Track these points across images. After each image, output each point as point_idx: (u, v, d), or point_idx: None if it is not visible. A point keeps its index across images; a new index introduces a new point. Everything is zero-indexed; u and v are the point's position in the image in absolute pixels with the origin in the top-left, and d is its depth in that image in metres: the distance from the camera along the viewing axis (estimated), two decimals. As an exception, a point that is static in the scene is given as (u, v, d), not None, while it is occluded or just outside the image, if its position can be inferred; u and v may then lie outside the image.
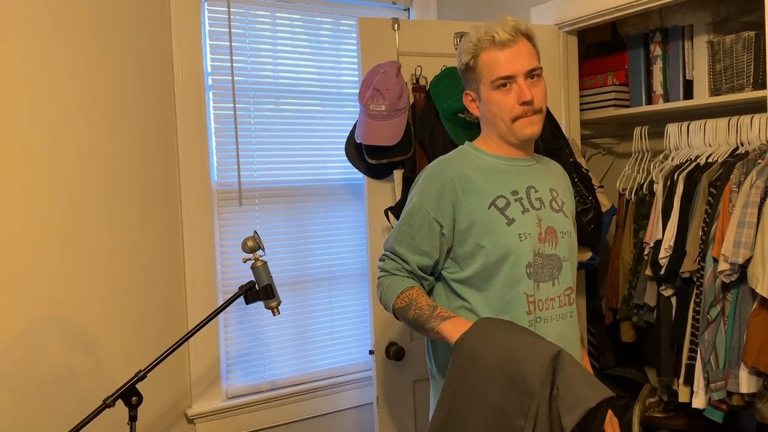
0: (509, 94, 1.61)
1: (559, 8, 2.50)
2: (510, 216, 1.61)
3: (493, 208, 1.61)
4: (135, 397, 1.67)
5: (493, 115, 1.65)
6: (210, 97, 2.28)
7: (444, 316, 1.55)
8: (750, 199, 2.00)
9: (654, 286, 2.35)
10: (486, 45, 1.61)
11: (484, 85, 1.63)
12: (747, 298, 2.03)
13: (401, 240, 1.65)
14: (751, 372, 2.01)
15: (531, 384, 1.37)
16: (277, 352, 2.43)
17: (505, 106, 1.61)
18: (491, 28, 1.61)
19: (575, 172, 2.25)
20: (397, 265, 1.65)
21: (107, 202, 2.08)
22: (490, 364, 1.43)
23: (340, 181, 2.53)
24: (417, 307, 1.58)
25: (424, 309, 1.57)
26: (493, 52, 1.61)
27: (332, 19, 2.54)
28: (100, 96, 2.07)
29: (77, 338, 2.05)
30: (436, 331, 1.55)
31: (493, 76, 1.60)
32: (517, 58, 1.60)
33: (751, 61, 2.23)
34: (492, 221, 1.60)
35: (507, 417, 1.38)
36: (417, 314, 1.57)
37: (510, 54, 1.60)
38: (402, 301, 1.60)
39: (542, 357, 1.39)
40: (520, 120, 1.62)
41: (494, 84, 1.61)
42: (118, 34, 2.10)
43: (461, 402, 1.44)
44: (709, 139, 2.33)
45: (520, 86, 1.60)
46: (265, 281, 1.84)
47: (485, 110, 1.67)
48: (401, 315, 1.62)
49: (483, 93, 1.65)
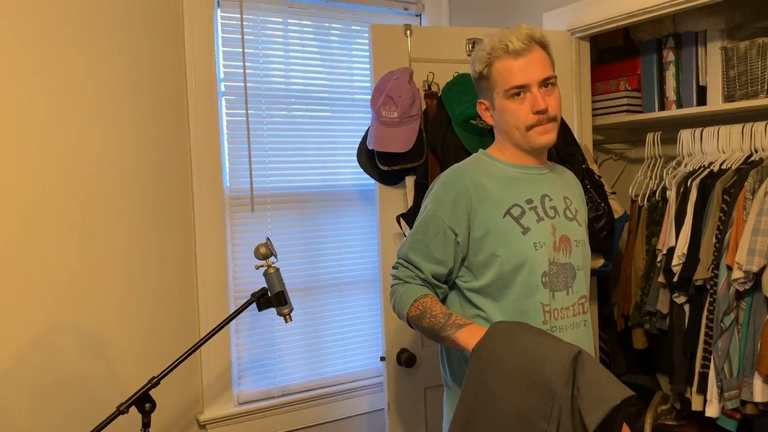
0: (523, 103, 1.60)
1: (571, 14, 2.50)
2: (525, 225, 1.60)
3: (508, 216, 1.60)
4: (148, 403, 1.67)
5: (507, 124, 1.64)
6: (222, 103, 2.29)
7: (459, 324, 1.54)
8: (765, 207, 1.98)
9: (667, 294, 2.33)
10: (500, 54, 1.60)
11: (497, 94, 1.63)
12: (761, 306, 2.02)
13: (415, 248, 1.64)
14: (765, 381, 1.99)
15: (552, 386, 1.36)
16: (289, 358, 2.43)
17: (520, 115, 1.61)
18: (505, 36, 1.61)
19: (588, 178, 2.24)
20: (411, 273, 1.64)
21: (121, 209, 2.10)
22: (510, 369, 1.42)
23: (352, 187, 2.53)
24: (432, 315, 1.57)
25: (439, 317, 1.56)
26: (507, 61, 1.60)
27: (343, 25, 2.54)
28: (115, 101, 2.08)
29: (91, 343, 2.06)
30: (452, 340, 1.54)
31: (507, 86, 1.60)
32: (531, 67, 1.60)
33: (765, 67, 2.21)
34: (507, 230, 1.59)
35: (529, 421, 1.37)
36: (432, 322, 1.56)
37: (524, 63, 1.59)
38: (416, 309, 1.60)
39: (563, 358, 1.38)
40: (534, 129, 1.62)
41: (508, 93, 1.61)
42: (132, 41, 2.11)
43: (481, 408, 1.43)
44: (722, 145, 2.31)
45: (534, 95, 1.59)
46: (277, 288, 1.84)
47: (499, 119, 1.67)
48: (415, 323, 1.62)
49: (497, 102, 1.64)
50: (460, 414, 1.46)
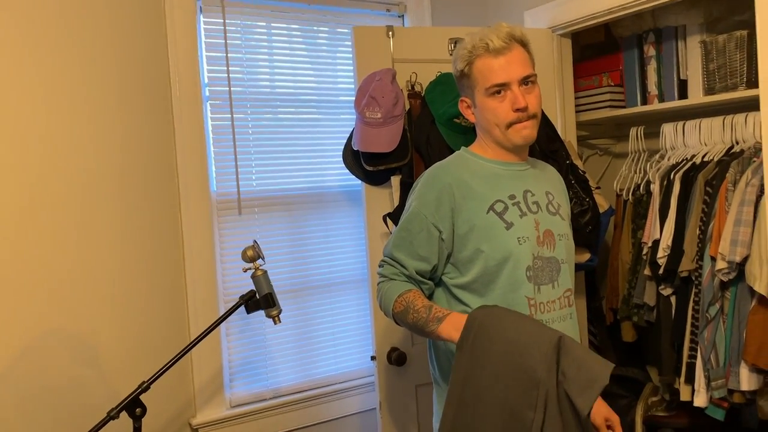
0: (504, 101, 1.63)
1: (552, 11, 2.52)
2: (508, 220, 1.62)
3: (491, 212, 1.62)
4: (139, 408, 1.68)
5: (488, 122, 1.66)
6: (208, 108, 2.30)
7: (439, 317, 1.56)
8: (746, 198, 2.01)
9: (653, 286, 2.35)
10: (480, 52, 1.63)
11: (478, 92, 1.65)
12: (745, 296, 2.04)
13: (399, 245, 1.66)
14: (751, 369, 2.01)
15: (537, 374, 1.38)
16: (280, 360, 2.44)
17: (500, 112, 1.63)
18: (486, 35, 1.63)
19: (572, 173, 2.26)
20: (396, 270, 1.66)
21: (109, 215, 2.10)
22: (493, 361, 1.44)
23: (339, 188, 2.55)
24: (414, 311, 1.59)
25: (421, 312, 1.58)
26: (487, 59, 1.62)
27: (328, 28, 2.56)
28: (99, 109, 2.09)
29: (81, 349, 2.06)
30: (436, 335, 1.56)
31: (488, 83, 1.62)
32: (511, 65, 1.62)
33: (744, 59, 2.24)
34: (491, 226, 1.61)
35: (516, 411, 1.39)
36: (415, 318, 1.58)
37: (504, 61, 1.61)
38: (400, 305, 1.61)
39: (544, 345, 1.40)
40: (514, 126, 1.64)
41: (489, 91, 1.63)
42: (114, 49, 2.11)
43: (469, 402, 1.45)
44: (704, 138, 2.34)
45: (515, 93, 1.61)
46: (265, 290, 1.85)
47: (480, 116, 1.69)
48: (401, 319, 1.63)
49: (478, 100, 1.67)
50: (449, 409, 1.47)
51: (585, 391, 1.35)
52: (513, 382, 1.40)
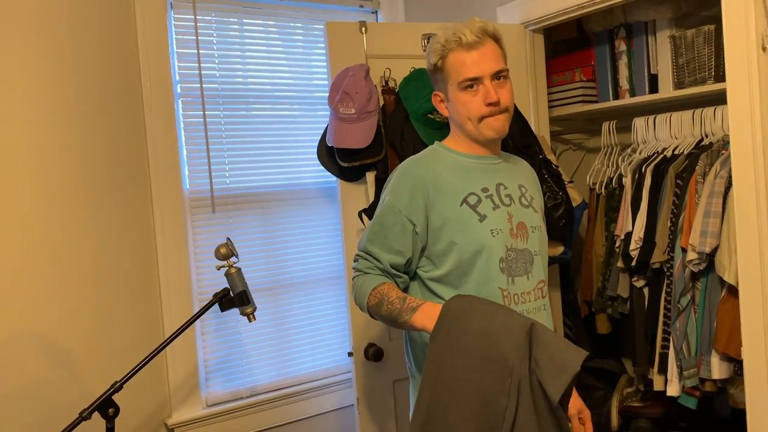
0: (476, 95, 1.64)
1: (524, 7, 2.53)
2: (481, 212, 1.63)
3: (465, 205, 1.63)
4: (112, 408, 1.66)
5: (460, 115, 1.67)
6: (179, 105, 2.28)
7: (413, 307, 1.56)
8: (715, 189, 2.04)
9: (626, 278, 2.39)
10: (453, 46, 1.63)
11: (451, 85, 1.66)
12: (716, 286, 2.08)
13: (373, 239, 1.66)
14: (722, 358, 2.05)
15: (509, 362, 1.38)
16: (256, 358, 2.42)
17: (472, 107, 1.64)
18: (459, 29, 1.63)
19: (545, 168, 2.28)
20: (370, 264, 1.66)
21: (79, 214, 2.07)
22: (467, 350, 1.44)
23: (314, 185, 2.54)
24: (389, 302, 1.58)
25: (395, 303, 1.58)
26: (460, 53, 1.63)
27: (302, 24, 2.54)
28: (66, 107, 2.05)
29: (52, 349, 2.03)
30: (410, 325, 1.56)
31: (460, 78, 1.63)
32: (483, 59, 1.63)
33: (712, 54, 2.27)
34: (464, 218, 1.62)
35: (488, 399, 1.39)
36: (389, 309, 1.58)
37: (477, 56, 1.62)
38: (374, 298, 1.61)
39: (515, 333, 1.41)
40: (486, 120, 1.65)
41: (461, 85, 1.64)
42: (83, 46, 2.08)
43: (442, 392, 1.45)
44: (674, 131, 2.38)
45: (487, 87, 1.62)
46: (239, 288, 1.84)
47: (453, 110, 1.70)
48: (375, 312, 1.63)
49: (451, 93, 1.67)
50: (422, 399, 1.47)
51: (556, 379, 1.36)
52: (486, 370, 1.41)
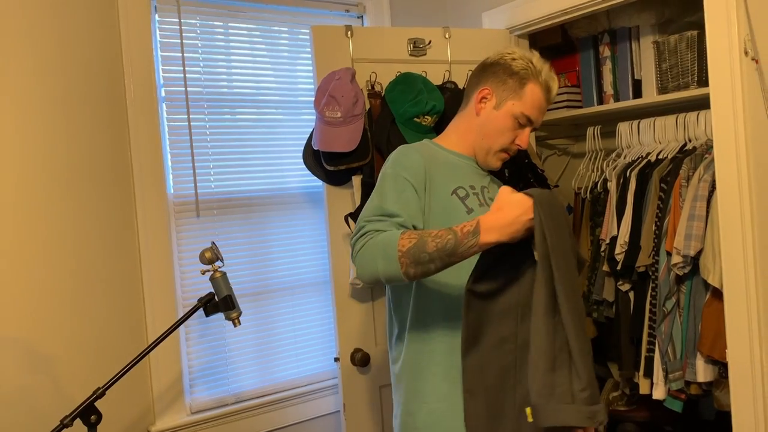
0: (516, 130, 1.69)
1: (509, 12, 2.55)
2: (469, 206, 1.65)
3: (454, 195, 1.65)
4: (94, 415, 1.62)
5: (488, 129, 1.70)
6: (164, 109, 2.26)
7: (471, 230, 1.40)
8: (699, 193, 2.06)
9: (612, 282, 2.39)
10: (542, 82, 1.69)
11: (512, 103, 1.68)
12: (700, 289, 2.09)
13: (386, 201, 1.54)
14: (707, 361, 2.06)
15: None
16: (241, 364, 2.40)
17: (506, 137, 1.70)
18: (552, 76, 1.71)
19: (531, 172, 2.29)
20: (385, 222, 1.50)
21: (61, 218, 2.04)
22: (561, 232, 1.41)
23: (299, 189, 2.52)
24: (435, 237, 1.41)
25: (444, 235, 1.40)
26: (542, 94, 1.70)
27: (287, 28, 2.54)
28: (51, 111, 2.03)
29: (32, 356, 1.99)
30: (476, 249, 1.41)
31: (526, 110, 1.68)
32: (542, 114, 1.73)
33: (694, 59, 2.30)
34: (453, 207, 1.63)
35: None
36: (438, 243, 1.40)
37: (545, 107, 1.72)
38: (408, 240, 1.41)
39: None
40: (500, 154, 1.72)
41: (519, 115, 1.68)
42: (66, 49, 2.06)
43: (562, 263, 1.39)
44: (658, 136, 2.39)
45: (526, 133, 1.70)
46: (224, 292, 1.82)
47: (489, 119, 1.70)
48: (414, 256, 1.41)
49: (504, 107, 1.69)
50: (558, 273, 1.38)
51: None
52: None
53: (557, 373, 1.37)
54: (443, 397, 1.63)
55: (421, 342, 1.65)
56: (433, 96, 2.18)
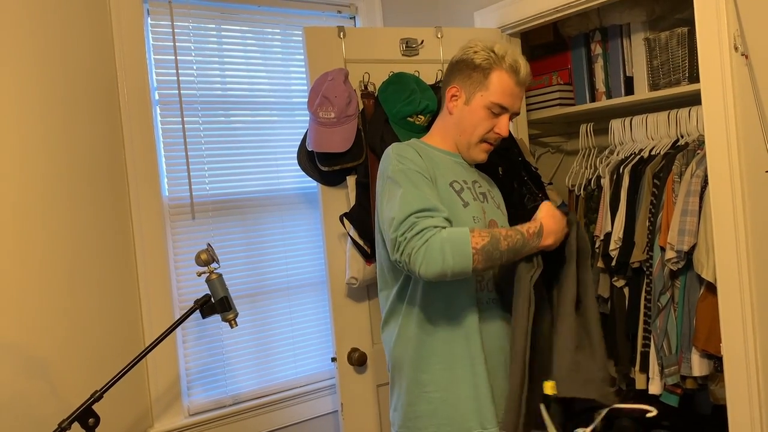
0: (492, 120, 1.70)
1: (501, 11, 2.56)
2: (465, 199, 1.69)
3: (451, 188, 1.68)
4: (92, 418, 1.62)
5: (465, 124, 1.72)
6: (157, 112, 2.26)
7: (535, 232, 1.59)
8: (691, 188, 2.07)
9: (607, 278, 2.40)
10: (506, 67, 1.68)
11: (480, 95, 1.69)
12: (694, 284, 2.10)
13: (419, 195, 1.56)
14: (702, 355, 2.07)
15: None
16: (239, 366, 2.40)
17: (483, 128, 1.70)
18: (518, 58, 1.70)
19: (524, 170, 2.29)
20: (436, 218, 1.53)
21: (56, 223, 2.04)
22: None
23: (294, 190, 2.53)
24: (505, 237, 1.55)
25: (513, 235, 1.56)
26: (509, 78, 1.69)
27: (280, 30, 2.54)
28: (44, 114, 2.03)
29: (29, 361, 1.99)
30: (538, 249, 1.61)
31: (496, 99, 1.68)
32: (518, 99, 1.72)
33: (685, 55, 2.31)
34: (451, 200, 1.67)
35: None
36: (509, 243, 1.55)
37: (518, 92, 1.71)
38: (481, 238, 1.51)
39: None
40: (481, 145, 1.73)
41: (490, 105, 1.68)
42: (59, 52, 2.06)
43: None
44: (651, 132, 2.41)
45: (504, 121, 1.70)
46: (220, 294, 1.82)
47: (462, 115, 1.72)
48: (488, 251, 1.51)
49: (474, 101, 1.70)
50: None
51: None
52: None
53: (580, 354, 1.61)
54: (443, 387, 1.66)
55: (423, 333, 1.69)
56: (426, 95, 2.18)
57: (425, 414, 1.68)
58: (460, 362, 1.67)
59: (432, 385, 1.68)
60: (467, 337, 1.67)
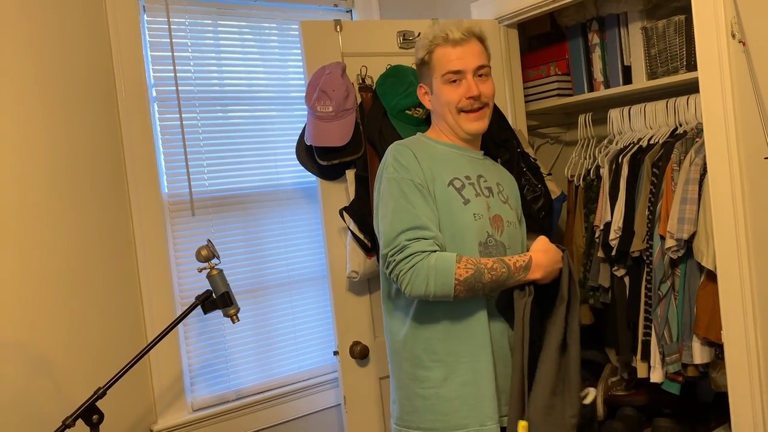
0: (458, 87, 1.72)
1: (497, 2, 2.55)
2: (465, 197, 1.69)
3: (451, 186, 1.69)
4: (96, 415, 1.63)
5: (442, 107, 1.75)
6: (155, 109, 2.26)
7: (523, 265, 1.61)
8: (690, 176, 2.07)
9: (607, 268, 2.41)
10: (440, 42, 1.73)
11: (436, 79, 1.74)
12: (694, 272, 2.10)
13: (410, 212, 1.61)
14: (703, 343, 2.08)
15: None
16: (241, 361, 2.41)
17: (453, 98, 1.72)
18: (446, 27, 1.73)
19: (523, 161, 2.29)
20: (427, 240, 1.59)
21: (57, 222, 2.04)
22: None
23: (294, 185, 2.53)
24: (489, 270, 1.58)
25: (498, 268, 1.59)
26: (446, 48, 1.72)
27: (276, 24, 2.54)
28: (42, 113, 2.03)
29: (32, 359, 2.00)
30: (523, 282, 1.63)
31: (444, 70, 1.72)
32: (467, 55, 1.72)
33: (683, 44, 2.30)
34: (450, 199, 1.68)
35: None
36: (493, 275, 1.58)
37: (461, 51, 1.72)
38: (465, 270, 1.56)
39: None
40: (466, 114, 1.72)
41: (445, 78, 1.72)
42: (55, 50, 2.06)
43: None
44: (649, 121, 2.40)
45: (469, 82, 1.71)
46: (221, 289, 1.83)
47: (436, 102, 1.78)
48: (470, 284, 1.57)
49: (435, 86, 1.76)
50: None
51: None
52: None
53: (556, 398, 1.65)
54: (440, 383, 1.67)
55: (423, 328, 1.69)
56: (424, 88, 2.18)
57: (421, 409, 1.69)
58: (460, 359, 1.67)
59: (429, 381, 1.69)
60: (471, 334, 1.68)
